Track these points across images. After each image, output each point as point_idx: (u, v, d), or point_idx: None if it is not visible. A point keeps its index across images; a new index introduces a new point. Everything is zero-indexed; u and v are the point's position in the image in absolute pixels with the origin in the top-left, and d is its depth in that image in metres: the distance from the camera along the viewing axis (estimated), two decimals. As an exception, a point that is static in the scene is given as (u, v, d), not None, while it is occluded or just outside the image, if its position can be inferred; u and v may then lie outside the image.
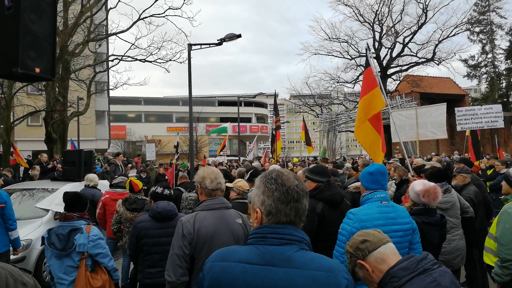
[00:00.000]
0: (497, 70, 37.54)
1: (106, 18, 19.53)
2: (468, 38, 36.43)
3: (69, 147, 18.51)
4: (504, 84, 37.67)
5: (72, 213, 3.92)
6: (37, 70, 2.86)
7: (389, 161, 10.07)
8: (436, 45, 28.63)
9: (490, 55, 37.62)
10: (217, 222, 2.71)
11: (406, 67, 29.94)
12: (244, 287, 1.46)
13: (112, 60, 19.08)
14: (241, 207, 4.41)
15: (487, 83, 38.48)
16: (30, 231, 5.99)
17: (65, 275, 3.75)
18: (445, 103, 12.43)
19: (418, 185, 3.48)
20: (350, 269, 1.80)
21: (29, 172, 11.34)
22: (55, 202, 6.59)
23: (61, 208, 6.37)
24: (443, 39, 28.52)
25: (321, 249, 3.24)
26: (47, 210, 6.51)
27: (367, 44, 6.73)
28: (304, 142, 16.24)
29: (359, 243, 1.77)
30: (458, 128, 12.72)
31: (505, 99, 36.84)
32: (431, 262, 1.64)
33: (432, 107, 13.77)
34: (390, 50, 29.39)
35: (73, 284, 3.74)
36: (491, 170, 9.23)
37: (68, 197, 4.05)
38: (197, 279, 2.61)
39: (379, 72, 27.41)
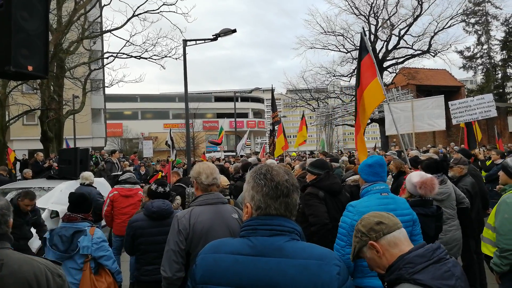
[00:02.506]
0: (492, 61, 37.52)
1: (100, 15, 19.42)
2: (464, 29, 36.37)
3: (65, 146, 18.45)
4: (499, 75, 37.69)
5: (76, 215, 3.87)
6: (30, 68, 2.84)
7: (386, 154, 10.10)
8: (432, 37, 28.64)
9: (485, 46, 37.60)
10: (213, 217, 2.70)
11: (402, 59, 29.94)
12: (235, 278, 1.47)
13: (107, 58, 18.95)
14: None
15: (483, 74, 38.51)
16: (27, 230, 5.95)
17: (69, 277, 3.66)
18: (442, 95, 12.46)
19: (415, 176, 3.49)
20: (357, 247, 1.79)
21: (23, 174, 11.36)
22: (51, 200, 6.58)
23: (57, 207, 6.41)
24: (439, 31, 28.53)
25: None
26: (43, 209, 6.48)
27: (363, 29, 6.53)
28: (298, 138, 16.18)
29: (374, 224, 1.74)
30: (454, 122, 12.76)
31: (501, 90, 36.92)
32: (444, 252, 1.63)
33: (428, 100, 13.78)
34: (385, 43, 29.36)
35: (75, 286, 3.70)
36: (490, 161, 9.26)
37: (74, 198, 4.00)
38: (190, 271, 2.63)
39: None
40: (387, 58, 29.57)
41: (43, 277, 1.38)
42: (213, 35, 12.96)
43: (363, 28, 6.72)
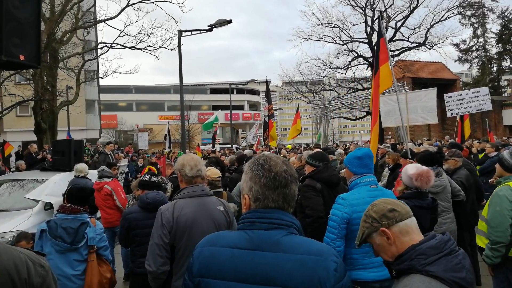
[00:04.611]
0: (488, 54, 37.62)
1: (94, 5, 19.14)
2: (460, 22, 36.37)
3: (63, 137, 18.28)
4: (495, 68, 37.84)
5: (78, 207, 3.86)
6: (22, 57, 2.78)
7: (380, 146, 10.11)
8: (428, 30, 28.59)
9: (481, 39, 37.68)
10: (197, 209, 2.68)
11: (398, 52, 29.90)
12: (232, 272, 1.46)
13: (101, 48, 18.73)
14: None
15: (478, 67, 38.62)
16: (20, 222, 5.92)
17: (70, 269, 3.70)
18: (435, 88, 12.47)
19: (411, 168, 3.48)
20: (367, 233, 1.77)
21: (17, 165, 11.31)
22: (45, 192, 6.53)
23: (51, 199, 6.35)
24: (435, 23, 28.49)
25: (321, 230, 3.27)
26: (37, 201, 6.44)
27: (380, 12, 6.56)
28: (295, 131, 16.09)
29: (387, 211, 1.74)
30: (449, 114, 12.77)
31: (496, 83, 37.09)
32: (454, 244, 1.65)
33: (422, 92, 13.77)
34: (382, 35, 29.23)
35: (79, 277, 3.72)
36: (483, 154, 9.30)
37: (86, 193, 4.00)
38: (187, 264, 2.61)
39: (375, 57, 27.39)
40: (383, 51, 29.47)
41: (23, 267, 1.35)
42: (208, 26, 12.87)
43: (380, 11, 6.73)
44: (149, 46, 18.14)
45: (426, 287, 1.50)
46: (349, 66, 30.51)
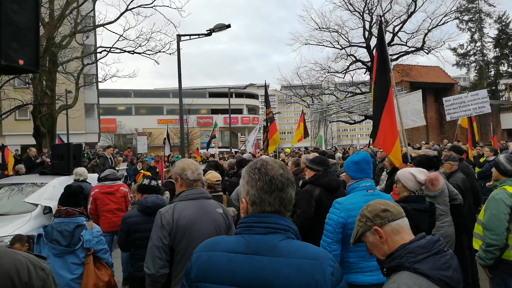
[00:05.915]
0: (485, 58, 37.87)
1: (93, 9, 19.25)
2: (457, 26, 36.64)
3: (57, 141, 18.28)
4: (492, 73, 38.03)
5: (74, 209, 3.86)
6: (21, 62, 2.80)
7: (380, 150, 10.13)
8: (426, 34, 28.75)
9: (478, 44, 37.92)
10: (197, 211, 2.67)
11: (395, 56, 30.02)
12: (229, 276, 1.47)
13: (100, 52, 18.80)
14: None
15: (476, 71, 38.80)
16: (19, 226, 5.91)
17: (68, 273, 3.70)
18: (420, 90, 12.48)
19: (420, 173, 3.46)
20: (360, 232, 1.86)
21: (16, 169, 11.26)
22: (44, 196, 6.52)
23: (50, 203, 6.35)
24: (433, 28, 28.65)
25: (318, 232, 3.29)
26: (36, 205, 6.43)
27: (379, 16, 6.59)
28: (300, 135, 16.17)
29: (380, 211, 1.82)
30: (448, 118, 12.73)
31: (494, 87, 37.25)
32: (443, 244, 1.72)
33: (410, 95, 13.77)
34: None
35: (76, 281, 3.71)
36: (484, 158, 9.32)
37: (73, 191, 3.99)
38: (185, 269, 2.61)
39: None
40: (381, 55, 29.55)
41: (24, 270, 1.35)
42: (207, 30, 12.90)
43: (379, 16, 6.74)
44: (148, 50, 18.22)
45: (413, 282, 1.57)
46: (348, 70, 30.63)
